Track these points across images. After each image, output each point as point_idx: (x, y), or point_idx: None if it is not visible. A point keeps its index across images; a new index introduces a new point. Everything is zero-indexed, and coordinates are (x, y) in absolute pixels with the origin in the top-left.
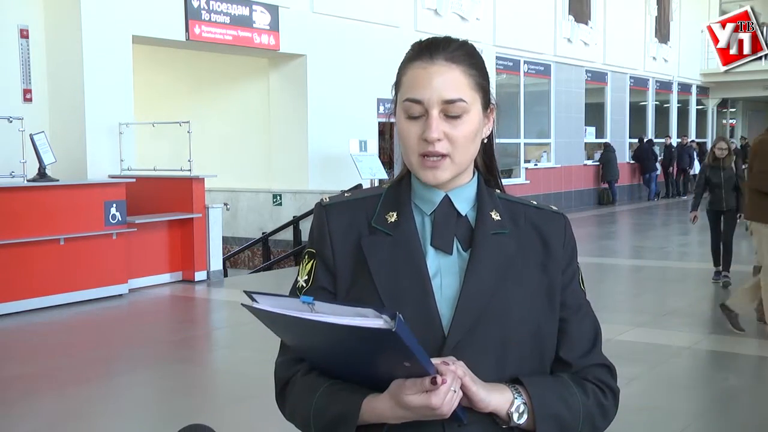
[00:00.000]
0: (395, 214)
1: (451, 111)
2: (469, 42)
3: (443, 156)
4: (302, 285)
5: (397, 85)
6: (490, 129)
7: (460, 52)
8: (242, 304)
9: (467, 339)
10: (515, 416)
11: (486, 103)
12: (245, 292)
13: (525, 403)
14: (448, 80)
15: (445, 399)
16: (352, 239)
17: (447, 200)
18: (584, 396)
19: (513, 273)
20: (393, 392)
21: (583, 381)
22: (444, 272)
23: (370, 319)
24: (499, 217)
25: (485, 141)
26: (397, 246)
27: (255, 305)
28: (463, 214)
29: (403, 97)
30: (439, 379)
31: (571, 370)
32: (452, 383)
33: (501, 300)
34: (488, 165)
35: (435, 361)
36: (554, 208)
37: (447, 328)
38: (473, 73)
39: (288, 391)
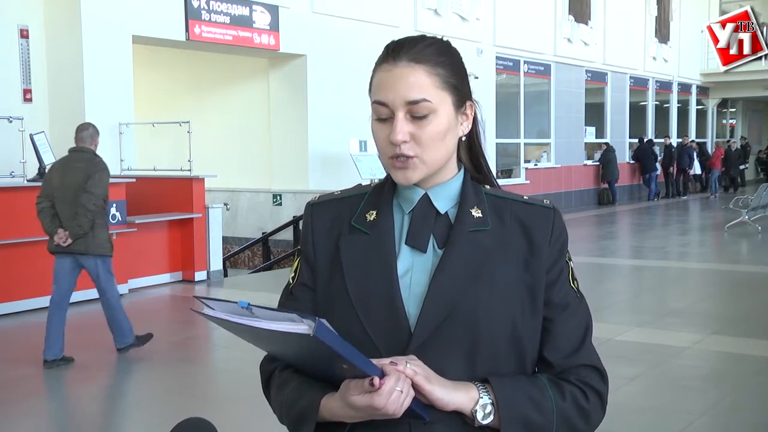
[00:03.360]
0: (375, 212)
1: (416, 111)
2: (444, 40)
3: (411, 157)
4: (289, 281)
5: (369, 87)
6: (469, 126)
7: (428, 51)
8: (191, 309)
9: (433, 338)
10: (479, 415)
11: (460, 101)
12: (195, 297)
13: (492, 403)
14: (411, 81)
15: (389, 399)
16: (333, 238)
17: (426, 198)
18: (559, 398)
19: (487, 271)
20: (341, 393)
21: (561, 382)
22: (415, 270)
23: (294, 324)
24: (480, 214)
25: (463, 139)
26: (371, 244)
27: (205, 311)
28: (443, 212)
29: (371, 99)
30: (376, 380)
31: (553, 370)
32: (397, 383)
33: (470, 299)
34: (475, 163)
35: (383, 361)
36: (546, 202)
37: (413, 326)
38: (440, 72)
39: (270, 385)
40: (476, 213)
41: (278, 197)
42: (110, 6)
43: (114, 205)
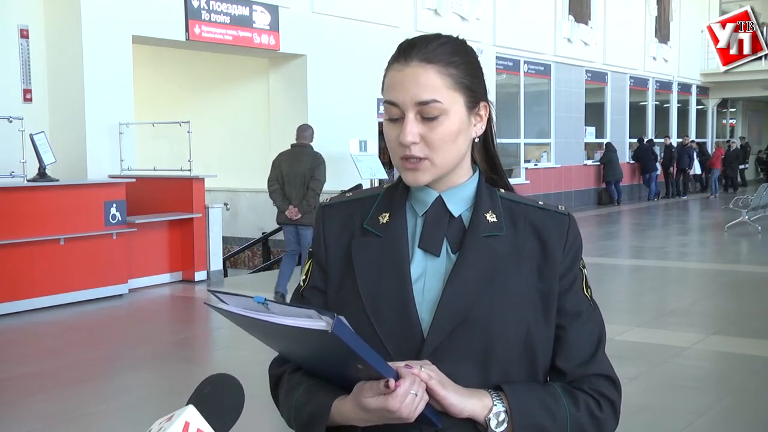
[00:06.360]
0: (388, 215)
1: (426, 112)
2: (459, 39)
3: (421, 159)
4: (300, 284)
5: (381, 87)
6: (483, 128)
7: (441, 51)
8: (205, 302)
9: (446, 344)
10: (493, 423)
11: (473, 102)
12: (209, 290)
13: (506, 411)
14: (421, 81)
15: (404, 403)
16: (345, 240)
17: (439, 201)
18: (573, 407)
19: (501, 277)
20: (354, 394)
21: (574, 391)
22: (429, 275)
23: (312, 320)
24: (495, 219)
25: (476, 140)
26: (384, 247)
27: (219, 305)
28: (457, 215)
29: (383, 99)
30: (392, 382)
31: (566, 379)
32: (412, 387)
33: (484, 305)
34: (490, 164)
35: (398, 364)
36: (561, 208)
37: (426, 332)
38: (452, 73)
39: (279, 389)
40: (491, 217)
41: None
42: (110, 6)
43: (114, 205)
